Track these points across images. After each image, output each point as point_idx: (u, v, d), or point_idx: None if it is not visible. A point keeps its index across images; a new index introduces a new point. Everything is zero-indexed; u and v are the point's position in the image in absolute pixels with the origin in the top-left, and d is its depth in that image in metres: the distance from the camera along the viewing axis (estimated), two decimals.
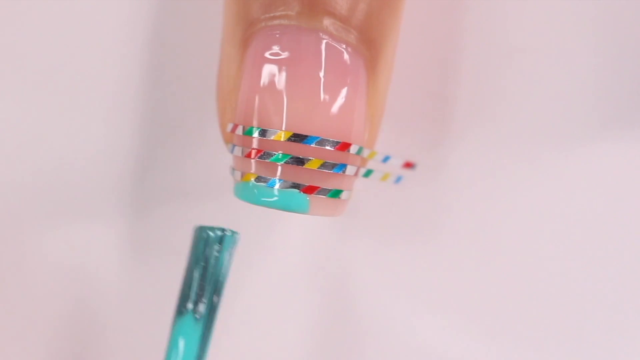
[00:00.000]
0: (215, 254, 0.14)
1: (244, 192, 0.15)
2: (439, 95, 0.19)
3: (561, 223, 0.19)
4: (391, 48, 0.15)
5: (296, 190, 0.14)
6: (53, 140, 0.19)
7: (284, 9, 0.14)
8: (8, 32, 0.19)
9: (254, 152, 0.14)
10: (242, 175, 0.15)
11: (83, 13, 0.19)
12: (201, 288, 0.14)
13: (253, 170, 0.15)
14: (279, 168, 0.14)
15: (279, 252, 0.19)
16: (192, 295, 0.14)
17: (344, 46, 0.14)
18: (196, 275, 0.14)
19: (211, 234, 0.14)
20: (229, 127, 0.15)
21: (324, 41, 0.14)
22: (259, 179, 0.14)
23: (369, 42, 0.15)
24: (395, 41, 0.16)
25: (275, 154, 0.14)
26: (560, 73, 0.18)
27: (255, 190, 0.15)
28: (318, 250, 0.19)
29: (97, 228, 0.19)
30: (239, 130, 0.14)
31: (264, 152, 0.14)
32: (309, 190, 0.14)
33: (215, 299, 0.14)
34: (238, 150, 0.15)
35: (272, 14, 0.14)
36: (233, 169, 0.15)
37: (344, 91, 0.14)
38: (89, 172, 0.19)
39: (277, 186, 0.14)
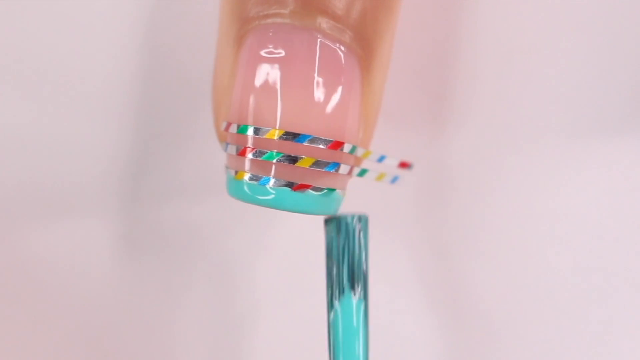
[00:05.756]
0: (360, 237, 0.15)
1: (238, 190, 0.15)
2: (436, 95, 0.19)
3: (559, 221, 0.19)
4: (387, 48, 0.15)
5: (288, 189, 0.14)
6: (48, 139, 0.19)
7: (277, 7, 0.14)
8: (3, 31, 0.19)
9: (247, 150, 0.14)
10: (236, 173, 0.15)
11: (79, 13, 0.19)
12: (352, 271, 0.15)
13: (246, 168, 0.15)
14: (273, 166, 0.14)
15: (276, 251, 0.19)
16: (346, 278, 0.15)
17: (338, 45, 0.14)
18: (345, 260, 0.15)
19: (350, 221, 0.15)
20: (223, 125, 0.15)
21: (318, 40, 0.14)
22: (252, 177, 0.14)
23: (364, 41, 0.15)
24: (391, 41, 0.16)
25: (267, 152, 0.14)
26: (557, 72, 0.18)
27: (248, 188, 0.15)
28: (316, 249, 0.19)
29: (92, 226, 0.19)
30: (233, 129, 0.15)
31: (257, 150, 0.14)
32: (301, 188, 0.14)
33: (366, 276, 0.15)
34: (232, 149, 0.15)
35: (265, 12, 0.14)
36: (227, 168, 0.15)
37: (337, 90, 0.14)
38: (84, 171, 0.19)
39: (270, 184, 0.14)
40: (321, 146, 0.14)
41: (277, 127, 0.14)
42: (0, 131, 0.19)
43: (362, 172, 0.16)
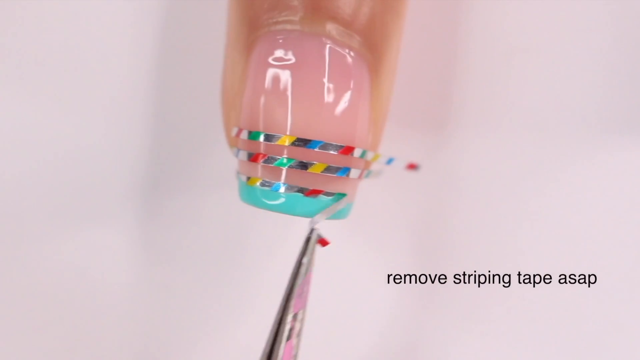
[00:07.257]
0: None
1: (249, 196, 0.15)
2: (442, 97, 0.19)
3: (563, 224, 0.19)
4: (394, 52, 0.15)
5: (300, 194, 0.14)
6: (61, 142, 0.19)
7: (287, 14, 0.14)
8: (16, 32, 0.19)
9: (259, 156, 0.14)
10: (247, 179, 0.15)
11: (93, 15, 0.19)
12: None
13: (258, 174, 0.15)
14: (284, 172, 0.14)
15: (282, 252, 0.19)
16: None
17: (347, 50, 0.14)
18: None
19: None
20: (234, 131, 0.15)
21: (327, 46, 0.14)
22: (263, 183, 0.14)
23: (372, 46, 0.15)
24: (398, 45, 0.16)
25: (279, 158, 0.14)
26: (563, 74, 0.18)
27: (260, 194, 0.15)
28: (320, 250, 0.19)
29: (105, 229, 0.19)
30: (244, 135, 0.15)
31: (269, 157, 0.14)
32: (313, 193, 0.14)
33: None
34: (243, 155, 0.15)
35: (275, 19, 0.14)
36: (238, 173, 0.15)
37: (347, 95, 0.14)
38: (97, 174, 0.19)
39: (281, 190, 0.14)
40: (332, 152, 0.14)
41: (288, 134, 0.14)
42: (14, 132, 0.19)
43: (368, 173, 0.16)
